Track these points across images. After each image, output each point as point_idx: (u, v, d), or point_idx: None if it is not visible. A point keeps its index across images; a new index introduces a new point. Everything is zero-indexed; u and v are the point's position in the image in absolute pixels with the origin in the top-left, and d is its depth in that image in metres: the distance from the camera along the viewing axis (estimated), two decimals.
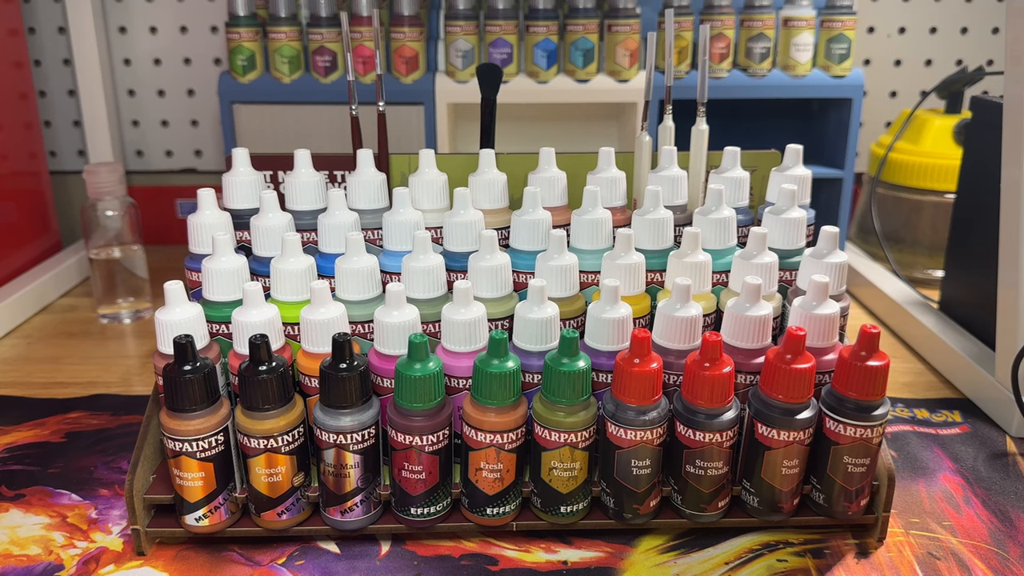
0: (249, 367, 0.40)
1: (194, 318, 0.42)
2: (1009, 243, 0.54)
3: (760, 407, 0.41)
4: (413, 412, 0.40)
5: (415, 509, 0.42)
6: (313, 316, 0.42)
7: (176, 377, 0.40)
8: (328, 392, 0.40)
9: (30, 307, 0.76)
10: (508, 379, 0.40)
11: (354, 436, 0.40)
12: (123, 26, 0.90)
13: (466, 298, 0.42)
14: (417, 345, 0.39)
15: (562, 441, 0.41)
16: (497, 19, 0.74)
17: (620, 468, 0.42)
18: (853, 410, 0.41)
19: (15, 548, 0.44)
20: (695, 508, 0.43)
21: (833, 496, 0.43)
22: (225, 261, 0.44)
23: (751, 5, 0.76)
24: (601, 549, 0.44)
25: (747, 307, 0.42)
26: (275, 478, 0.41)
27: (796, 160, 0.52)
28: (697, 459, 0.41)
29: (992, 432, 0.56)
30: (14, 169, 0.81)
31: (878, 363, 0.40)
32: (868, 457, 0.41)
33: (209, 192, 0.47)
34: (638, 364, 0.40)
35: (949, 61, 0.93)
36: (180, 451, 0.40)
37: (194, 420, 0.40)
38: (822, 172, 0.79)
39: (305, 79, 0.76)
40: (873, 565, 0.43)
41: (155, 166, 0.95)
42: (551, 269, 0.44)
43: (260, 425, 0.40)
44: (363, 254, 0.45)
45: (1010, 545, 0.44)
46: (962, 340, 0.63)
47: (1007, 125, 0.54)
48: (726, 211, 0.48)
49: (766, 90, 0.77)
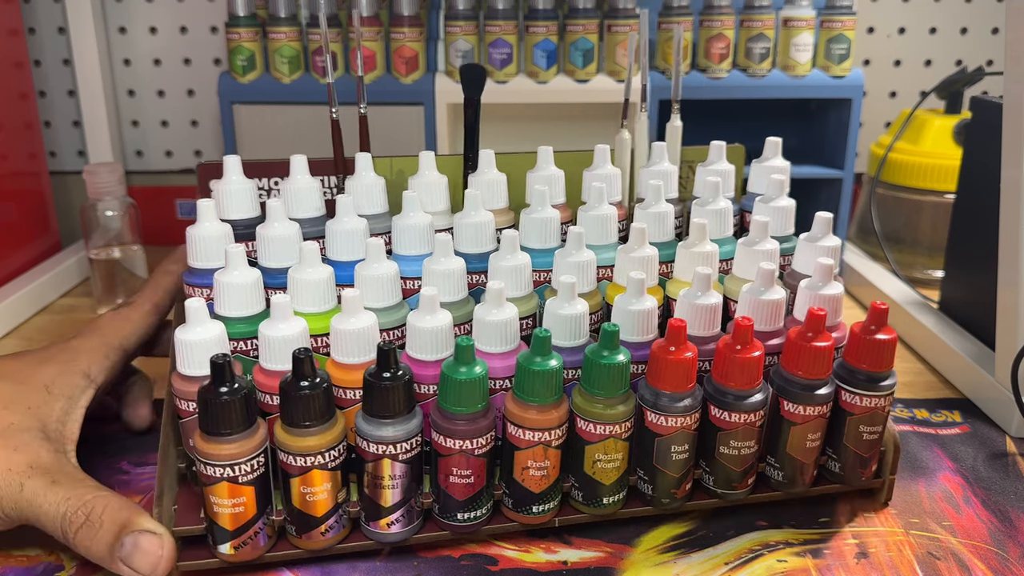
0: (292, 382, 0.38)
1: (219, 337, 0.41)
2: (1009, 243, 0.54)
3: (783, 384, 0.44)
4: (464, 416, 0.40)
5: (461, 514, 0.42)
6: (348, 326, 0.41)
7: (215, 399, 0.37)
8: (375, 402, 0.39)
9: (30, 307, 0.76)
10: (552, 377, 0.40)
11: (401, 446, 0.40)
12: (123, 26, 0.90)
13: (498, 299, 0.42)
14: (464, 348, 0.39)
15: (607, 433, 0.41)
16: (497, 19, 0.73)
17: (660, 455, 0.43)
18: (865, 381, 0.44)
19: (15, 548, 0.44)
20: (726, 487, 0.45)
21: (848, 464, 0.46)
22: (239, 275, 0.42)
23: (751, 5, 0.76)
24: (601, 549, 0.44)
25: (762, 291, 0.44)
26: (319, 496, 0.40)
27: (775, 152, 0.55)
28: (731, 440, 0.43)
29: (992, 432, 0.56)
30: (14, 169, 0.81)
31: (887, 336, 0.43)
32: (880, 425, 0.45)
33: (209, 203, 0.45)
34: (675, 352, 0.41)
35: (949, 61, 0.94)
36: (220, 477, 0.38)
37: (235, 443, 0.38)
38: (822, 172, 0.79)
39: (305, 79, 0.76)
40: (873, 565, 0.43)
41: (155, 166, 0.95)
42: (572, 266, 0.45)
43: (309, 442, 0.39)
44: (385, 260, 0.44)
45: (1010, 545, 0.44)
46: (962, 340, 0.63)
47: (1007, 125, 0.54)
48: (723, 202, 0.50)
49: (766, 90, 0.77)
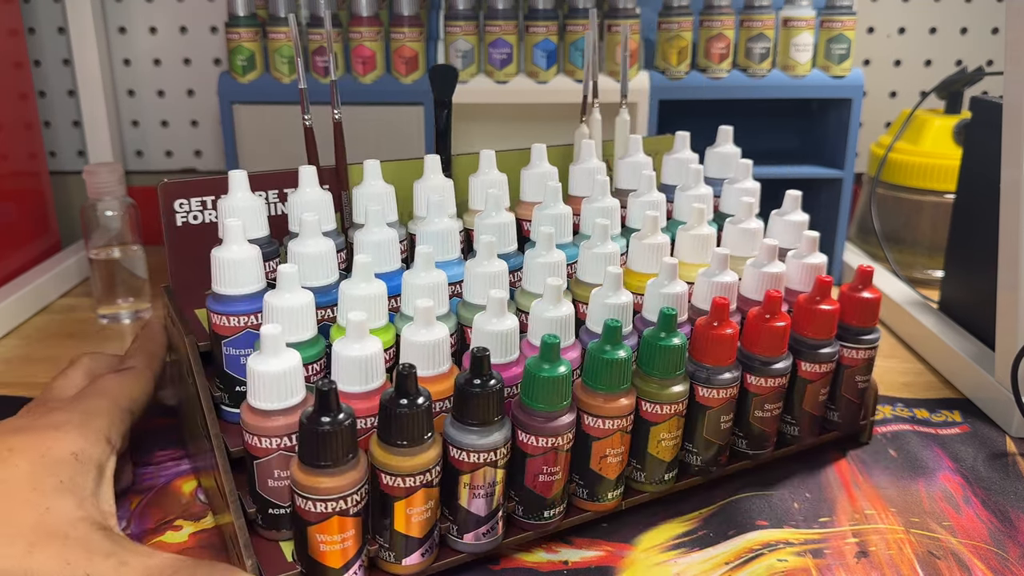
0: (393, 400, 0.37)
1: (297, 366, 0.38)
2: (1009, 243, 0.54)
3: (799, 348, 0.48)
4: (557, 413, 0.40)
5: (547, 512, 0.42)
6: (420, 337, 0.40)
7: (320, 429, 0.35)
8: (469, 409, 0.38)
9: (30, 307, 0.76)
10: (625, 365, 0.41)
11: (500, 452, 0.39)
12: (123, 26, 0.90)
13: (555, 296, 0.42)
14: (550, 346, 0.39)
15: (671, 412, 0.43)
16: (497, 19, 0.74)
17: (710, 427, 0.46)
18: (857, 335, 0.49)
19: None
20: (759, 448, 0.49)
21: (844, 412, 0.51)
22: (292, 297, 0.40)
23: (751, 5, 0.76)
24: (602, 548, 0.44)
25: (765, 264, 0.48)
26: (425, 515, 0.39)
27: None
28: (765, 404, 0.47)
29: (992, 432, 0.56)
30: (14, 169, 0.81)
31: (872, 295, 0.48)
32: (869, 374, 0.51)
33: (237, 224, 0.41)
34: (718, 327, 0.44)
35: (949, 61, 0.94)
36: (331, 512, 0.36)
37: (345, 474, 0.36)
38: (822, 172, 0.79)
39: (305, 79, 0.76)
40: (873, 564, 0.43)
41: (155, 166, 0.95)
42: (592, 257, 0.47)
43: (414, 461, 0.37)
44: (433, 269, 0.43)
45: (1010, 545, 0.44)
46: (962, 340, 0.63)
47: (1007, 125, 0.54)
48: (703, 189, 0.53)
49: (766, 90, 0.77)
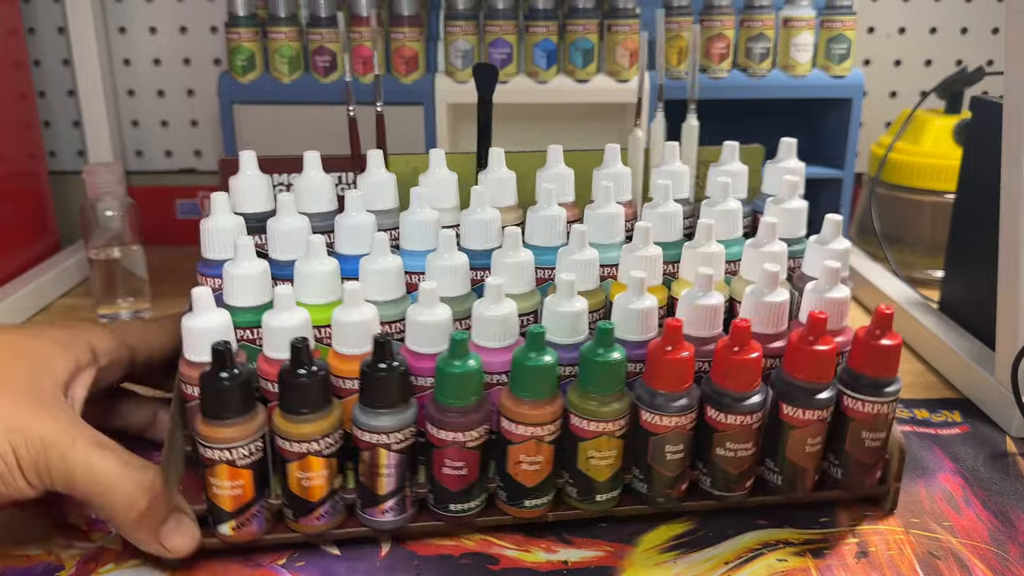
0: (290, 370, 0.39)
1: (225, 324, 0.42)
2: (1009, 243, 0.54)
3: (783, 388, 0.43)
4: (457, 409, 0.41)
5: (454, 505, 0.43)
6: (348, 318, 0.42)
7: (216, 384, 0.39)
8: (370, 392, 0.40)
9: (30, 307, 0.75)
10: (549, 372, 0.41)
11: (395, 436, 0.41)
12: (123, 26, 0.90)
13: (497, 295, 0.42)
14: (459, 343, 0.40)
15: (600, 431, 0.42)
16: (497, 19, 0.74)
17: (655, 454, 0.43)
18: (869, 387, 0.43)
19: (15, 548, 0.44)
20: (724, 489, 0.44)
21: (850, 470, 0.45)
22: (248, 266, 0.44)
23: (751, 5, 0.76)
24: (601, 548, 0.44)
25: (765, 293, 0.44)
26: (315, 481, 0.41)
27: (788, 153, 0.55)
28: (728, 441, 0.43)
29: (992, 432, 0.56)
30: (13, 169, 0.81)
31: (891, 342, 0.42)
32: (884, 431, 0.44)
33: (223, 196, 0.46)
34: (671, 352, 0.41)
35: (949, 61, 0.94)
36: (219, 460, 0.40)
37: (236, 427, 0.39)
38: (822, 172, 0.79)
39: (305, 79, 0.76)
40: (873, 564, 0.43)
41: (155, 166, 0.95)
42: (575, 264, 0.46)
43: (304, 428, 0.40)
44: (389, 255, 0.45)
45: (1010, 546, 0.44)
46: (962, 340, 0.63)
47: (1007, 125, 0.54)
48: (732, 203, 0.50)
49: (766, 90, 0.77)
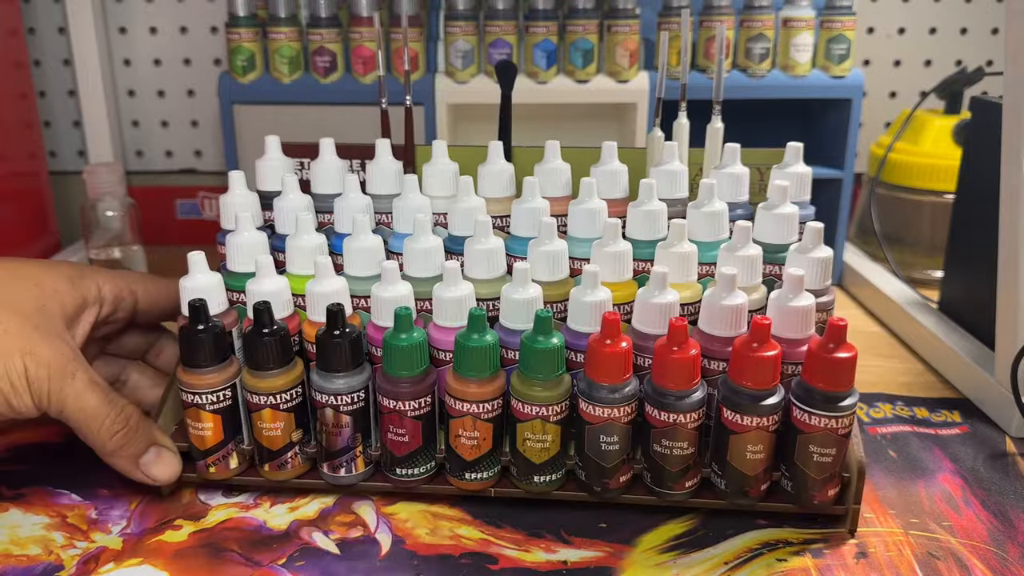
0: (253, 330, 0.44)
1: (214, 285, 0.47)
2: (1008, 243, 0.54)
3: (727, 393, 0.43)
4: (399, 379, 0.44)
5: (400, 469, 0.46)
6: (317, 288, 0.46)
7: (190, 336, 0.44)
8: (323, 357, 0.44)
9: None
10: (486, 353, 0.43)
11: (344, 399, 0.44)
12: (123, 27, 0.90)
13: (455, 277, 0.45)
14: (402, 317, 0.43)
15: (534, 414, 0.43)
16: (497, 19, 0.73)
17: (590, 443, 0.44)
18: (821, 401, 0.42)
19: (15, 548, 0.44)
20: (662, 486, 0.45)
21: (799, 484, 0.44)
22: (246, 236, 0.49)
23: (750, 6, 0.76)
24: (601, 549, 0.44)
25: (723, 296, 0.43)
26: (275, 432, 0.45)
27: (796, 158, 0.52)
28: (663, 439, 0.43)
29: (992, 432, 0.56)
30: (14, 169, 0.81)
31: (845, 355, 0.41)
32: (835, 447, 0.42)
33: (240, 174, 0.52)
34: (609, 345, 0.42)
35: (948, 61, 0.94)
36: (192, 403, 0.45)
37: (206, 375, 0.45)
38: (822, 172, 0.79)
39: (305, 79, 0.76)
40: (873, 565, 0.43)
41: (155, 166, 0.95)
42: (540, 255, 0.47)
43: (262, 383, 0.45)
44: (369, 234, 0.48)
45: (1009, 546, 0.44)
46: (961, 340, 0.63)
47: (1006, 125, 0.54)
48: (717, 204, 0.49)
49: (766, 90, 0.77)
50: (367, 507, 0.47)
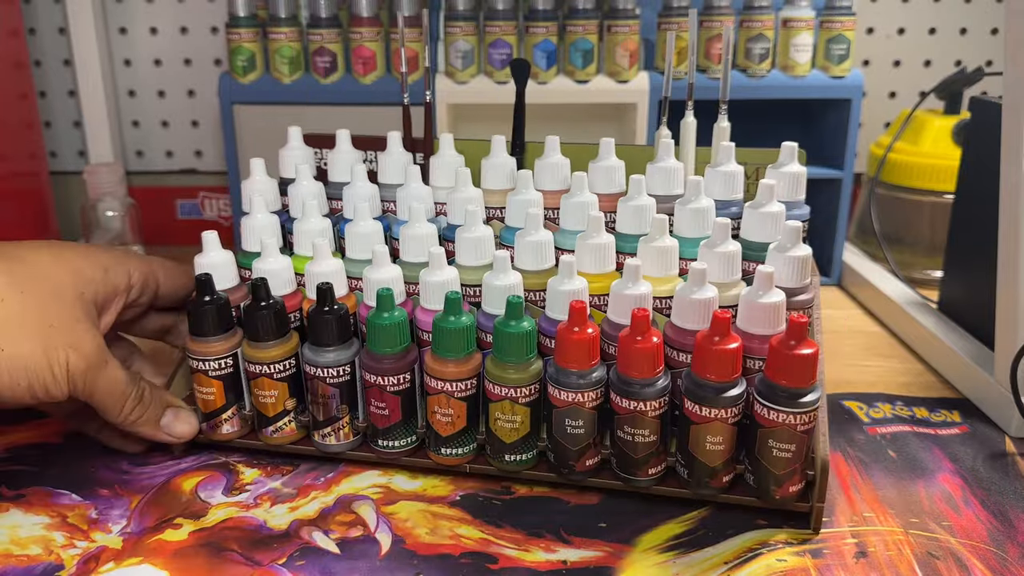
0: (252, 303, 0.47)
1: (224, 262, 0.50)
2: (1008, 243, 0.55)
3: (689, 384, 0.44)
4: (381, 356, 0.46)
5: (382, 441, 0.49)
6: (314, 268, 0.49)
7: (196, 307, 0.48)
8: (313, 332, 0.47)
9: None
10: (462, 335, 0.45)
11: (331, 371, 0.47)
12: (123, 27, 0.90)
13: (440, 263, 0.47)
14: (385, 298, 0.46)
15: (504, 395, 0.45)
16: (497, 20, 0.74)
17: (557, 426, 0.45)
18: (783, 397, 0.42)
19: (15, 548, 0.44)
20: (628, 472, 0.46)
21: (761, 478, 0.44)
22: (258, 218, 0.52)
23: (750, 6, 0.76)
24: (600, 549, 0.44)
25: (693, 291, 0.44)
26: (270, 399, 0.49)
27: (791, 157, 0.52)
28: (626, 425, 0.44)
29: (991, 432, 0.56)
30: (14, 169, 0.81)
31: (807, 351, 0.41)
32: (794, 443, 0.43)
33: (259, 161, 0.55)
34: (576, 332, 0.43)
35: (948, 62, 0.94)
36: (198, 369, 0.49)
37: (210, 343, 0.48)
38: (821, 173, 0.79)
39: (305, 80, 0.76)
40: (872, 564, 0.43)
41: (155, 167, 0.95)
42: (526, 244, 0.49)
43: (259, 353, 0.48)
44: (369, 220, 0.51)
45: (1009, 546, 0.44)
46: (961, 340, 0.63)
47: (1006, 125, 0.54)
48: (704, 201, 0.49)
49: (765, 91, 0.77)
50: (367, 506, 0.47)
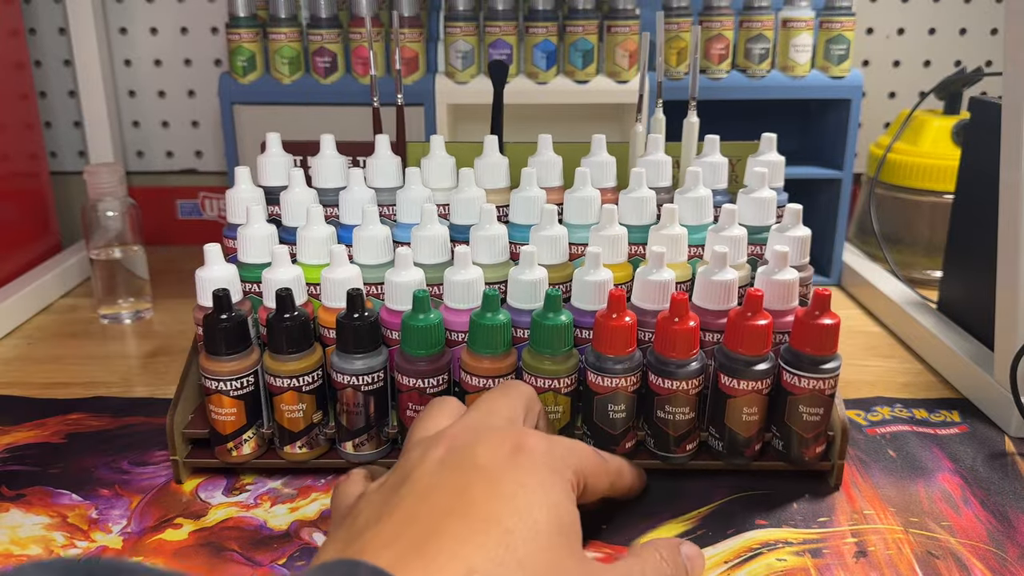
0: (276, 315, 0.46)
1: (230, 276, 0.49)
2: (1007, 243, 0.55)
3: (723, 360, 0.46)
4: (417, 358, 0.46)
5: None
6: (332, 275, 0.48)
7: (214, 324, 0.46)
8: (343, 339, 0.46)
9: (31, 307, 0.76)
10: (501, 331, 0.45)
11: (364, 378, 0.46)
12: (123, 27, 0.90)
13: (465, 262, 0.48)
14: (420, 299, 0.45)
15: (547, 387, 0.46)
16: (497, 20, 0.74)
17: (598, 412, 0.47)
18: (808, 364, 0.45)
19: (15, 548, 0.44)
20: (665, 450, 0.48)
21: (790, 442, 0.47)
22: (258, 228, 0.51)
23: (750, 6, 0.76)
24: (600, 549, 0.44)
25: (715, 272, 0.47)
26: (297, 414, 0.47)
27: (770, 147, 0.56)
28: (666, 405, 0.46)
29: (991, 432, 0.56)
30: (15, 170, 0.81)
31: (830, 321, 0.44)
32: (822, 407, 0.46)
33: (245, 170, 0.54)
34: (615, 319, 0.45)
35: (948, 62, 0.94)
36: (216, 389, 0.47)
37: (229, 362, 0.46)
38: (821, 173, 0.79)
39: (305, 80, 0.76)
40: (872, 564, 0.43)
41: (156, 167, 0.95)
42: (542, 239, 0.50)
43: (285, 366, 0.46)
44: (378, 224, 0.51)
45: (1008, 545, 0.44)
46: (961, 340, 0.63)
47: (1005, 126, 0.54)
48: (702, 191, 0.53)
49: (765, 91, 0.77)
50: None
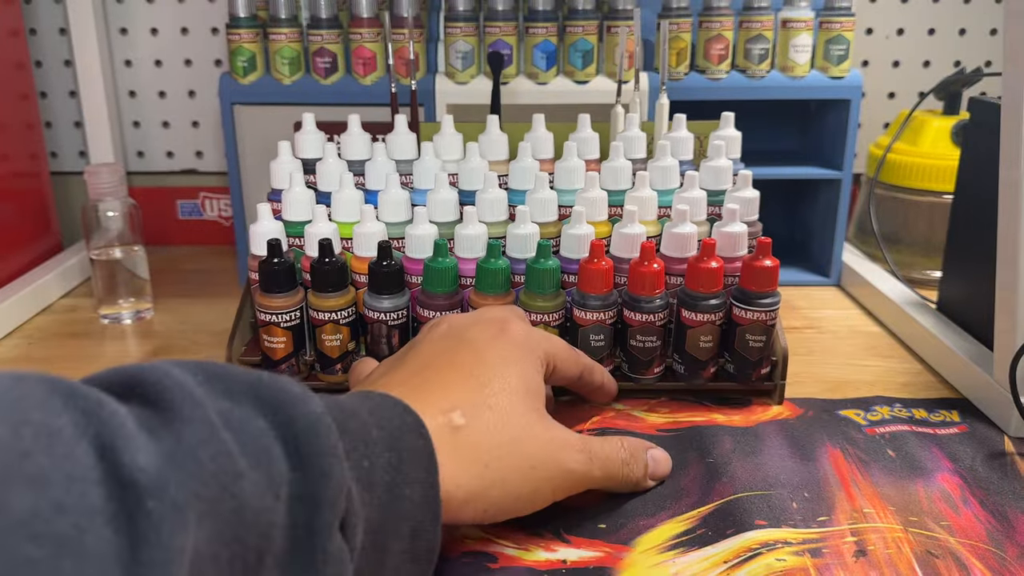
0: (319, 260, 0.55)
1: (278, 229, 0.58)
2: (1007, 243, 0.55)
3: (684, 297, 0.56)
4: (437, 295, 0.55)
5: None
6: (363, 230, 0.57)
7: (269, 267, 0.54)
8: (374, 282, 0.55)
9: (31, 308, 0.76)
10: (502, 274, 0.55)
11: (391, 315, 0.56)
12: (124, 27, 0.90)
13: (472, 219, 0.57)
14: (440, 246, 0.55)
15: (539, 321, 0.56)
16: (496, 20, 0.74)
17: (582, 342, 0.56)
18: (753, 299, 0.55)
19: None
20: (637, 373, 0.58)
21: (739, 365, 0.57)
22: (299, 192, 0.60)
23: (750, 7, 0.76)
24: (600, 549, 0.44)
25: (677, 226, 0.57)
26: (335, 342, 0.57)
27: (728, 124, 0.66)
28: (638, 335, 0.56)
29: (990, 432, 0.56)
30: (15, 170, 0.81)
31: (770, 263, 0.54)
32: (765, 335, 0.56)
33: (286, 143, 0.63)
34: (596, 264, 0.54)
35: (947, 62, 0.94)
36: (269, 321, 0.56)
37: (280, 299, 0.55)
38: (821, 173, 0.80)
39: (305, 80, 0.76)
40: (871, 563, 0.43)
41: (156, 167, 0.95)
42: (536, 201, 0.59)
43: (326, 303, 0.56)
44: (399, 189, 0.60)
45: (1008, 545, 0.44)
46: (960, 340, 0.64)
47: (1005, 126, 0.54)
48: (670, 160, 0.63)
49: (765, 91, 0.77)
50: None
